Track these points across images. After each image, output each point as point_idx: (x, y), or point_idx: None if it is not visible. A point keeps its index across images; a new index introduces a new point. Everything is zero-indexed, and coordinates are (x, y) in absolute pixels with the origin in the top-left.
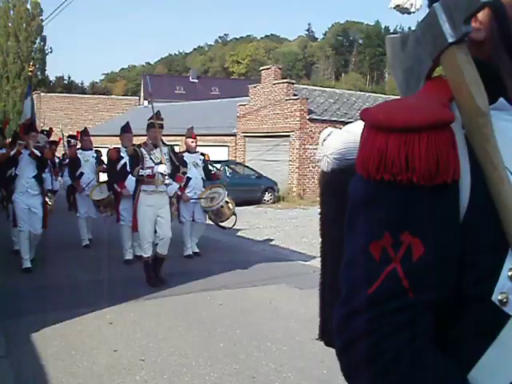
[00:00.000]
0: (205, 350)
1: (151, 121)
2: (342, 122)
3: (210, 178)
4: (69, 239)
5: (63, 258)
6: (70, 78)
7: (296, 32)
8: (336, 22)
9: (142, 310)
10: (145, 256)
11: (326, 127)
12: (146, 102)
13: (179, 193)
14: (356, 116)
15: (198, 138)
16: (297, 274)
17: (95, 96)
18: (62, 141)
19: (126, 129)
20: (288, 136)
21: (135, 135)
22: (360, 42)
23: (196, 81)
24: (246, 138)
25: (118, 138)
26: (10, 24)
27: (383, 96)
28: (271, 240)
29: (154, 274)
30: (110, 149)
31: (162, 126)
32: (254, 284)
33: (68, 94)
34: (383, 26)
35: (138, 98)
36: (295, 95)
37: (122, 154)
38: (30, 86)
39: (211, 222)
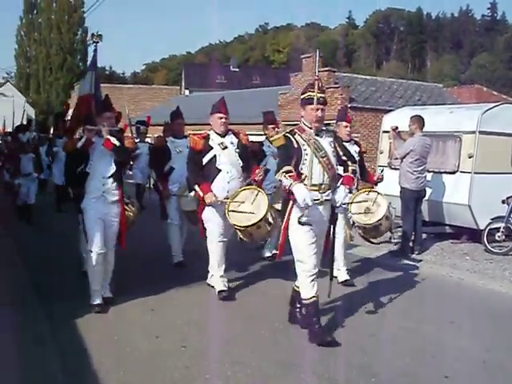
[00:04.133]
0: (246, 337)
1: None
2: (384, 110)
3: None
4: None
5: None
6: (111, 68)
7: (337, 20)
8: (377, 9)
9: (184, 298)
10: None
11: (367, 115)
12: (187, 92)
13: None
14: (397, 104)
15: (238, 126)
16: None
17: (136, 86)
18: (127, 128)
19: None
20: (329, 124)
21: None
22: (401, 29)
23: (237, 70)
24: (287, 127)
25: (161, 127)
26: (52, 16)
27: (425, 84)
28: None
29: None
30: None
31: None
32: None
33: (109, 85)
34: (425, 13)
35: (178, 87)
36: (336, 83)
37: (169, 145)
38: (96, 56)
39: None
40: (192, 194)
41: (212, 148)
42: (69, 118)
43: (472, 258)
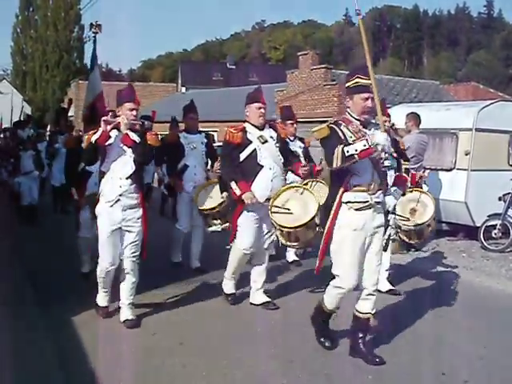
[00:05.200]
0: (243, 334)
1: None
2: None
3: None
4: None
5: None
6: (107, 65)
7: (333, 17)
8: (374, 6)
9: (182, 295)
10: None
11: None
12: (183, 89)
13: None
14: (394, 101)
15: (234, 123)
16: None
17: (133, 83)
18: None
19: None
20: (326, 122)
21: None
22: (398, 26)
23: (233, 67)
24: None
25: (162, 124)
26: (48, 14)
27: (421, 81)
28: None
29: None
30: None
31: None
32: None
33: (106, 82)
34: (421, 11)
35: (175, 84)
36: (333, 80)
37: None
38: (95, 47)
39: None
40: (225, 194)
41: (251, 142)
42: (72, 114)
43: (469, 255)
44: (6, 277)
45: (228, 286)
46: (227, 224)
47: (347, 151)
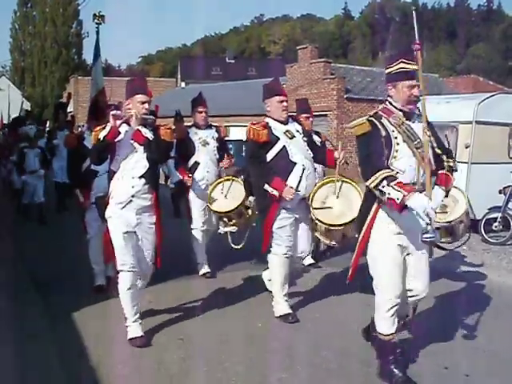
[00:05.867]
0: (243, 330)
1: None
2: (380, 100)
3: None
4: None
5: None
6: (106, 61)
7: (332, 11)
8: (373, 0)
9: (182, 290)
10: None
11: (363, 106)
12: (183, 84)
13: None
14: None
15: (234, 118)
16: None
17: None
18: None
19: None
20: (325, 115)
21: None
22: (397, 19)
23: (232, 61)
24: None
25: (160, 119)
26: (47, 10)
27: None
28: None
29: None
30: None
31: None
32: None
33: (105, 77)
34: (421, 4)
35: (174, 79)
36: (332, 74)
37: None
38: (98, 39)
39: None
40: (252, 199)
41: (278, 138)
42: (70, 110)
43: (469, 248)
44: (6, 276)
45: (281, 307)
46: (243, 224)
47: (383, 186)
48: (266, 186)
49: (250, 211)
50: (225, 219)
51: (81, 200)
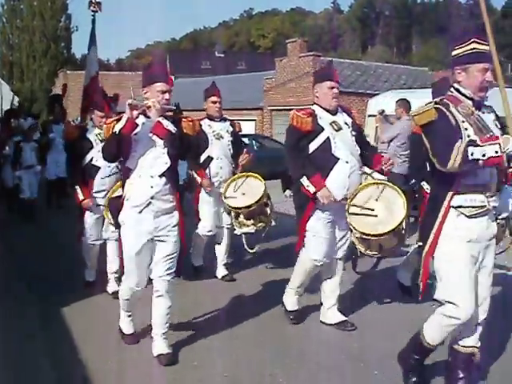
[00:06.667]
0: (239, 326)
1: None
2: (369, 94)
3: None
4: None
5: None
6: None
7: (321, 5)
8: None
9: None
10: None
11: (353, 99)
12: (172, 78)
13: None
14: (383, 88)
15: (224, 112)
16: None
17: (122, 72)
18: None
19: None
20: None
21: None
22: (386, 13)
23: (222, 55)
24: (273, 112)
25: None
26: (35, 3)
27: (410, 68)
28: None
29: None
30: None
31: None
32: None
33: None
34: None
35: None
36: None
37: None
38: (94, 28)
39: None
40: (287, 193)
41: (323, 129)
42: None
43: None
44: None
45: (290, 301)
46: (261, 224)
47: (472, 153)
48: (304, 179)
49: (268, 209)
50: (240, 219)
51: (80, 198)
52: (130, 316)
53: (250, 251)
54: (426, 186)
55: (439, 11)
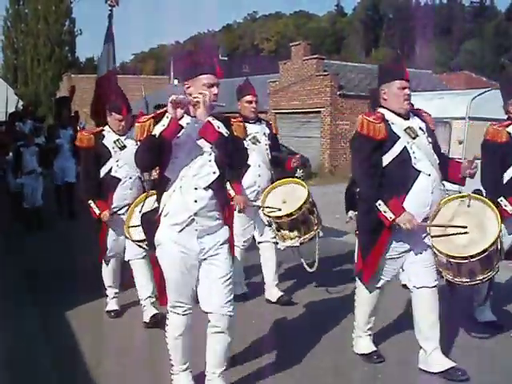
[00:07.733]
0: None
1: None
2: None
3: None
4: None
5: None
6: (99, 58)
7: (325, 8)
8: None
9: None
10: None
11: (356, 102)
12: (175, 81)
13: None
14: None
15: (228, 115)
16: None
17: (126, 76)
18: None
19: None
20: (319, 112)
21: None
22: (390, 16)
23: (225, 59)
24: (277, 115)
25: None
26: (39, 7)
27: (414, 70)
28: None
29: None
30: None
31: None
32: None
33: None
34: (413, 0)
35: (167, 77)
36: (325, 71)
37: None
38: (111, 24)
39: None
40: (351, 214)
41: (398, 137)
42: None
43: None
44: (3, 281)
45: (363, 345)
46: (307, 236)
47: None
48: (380, 204)
49: (314, 218)
50: (283, 232)
51: (97, 213)
52: (186, 369)
53: (310, 270)
54: (503, 203)
55: (443, 14)
